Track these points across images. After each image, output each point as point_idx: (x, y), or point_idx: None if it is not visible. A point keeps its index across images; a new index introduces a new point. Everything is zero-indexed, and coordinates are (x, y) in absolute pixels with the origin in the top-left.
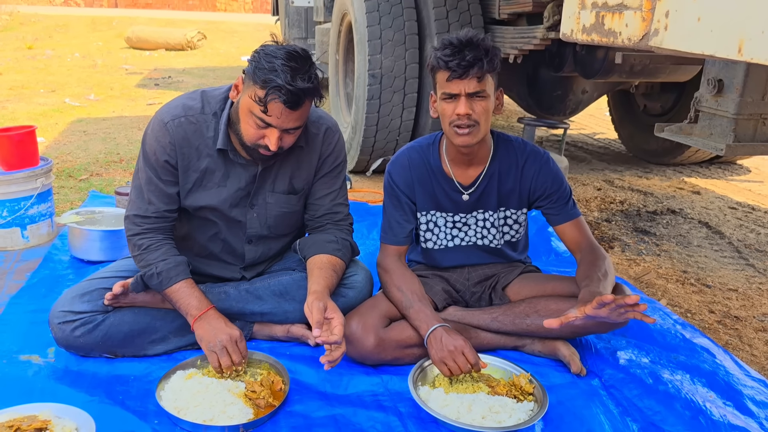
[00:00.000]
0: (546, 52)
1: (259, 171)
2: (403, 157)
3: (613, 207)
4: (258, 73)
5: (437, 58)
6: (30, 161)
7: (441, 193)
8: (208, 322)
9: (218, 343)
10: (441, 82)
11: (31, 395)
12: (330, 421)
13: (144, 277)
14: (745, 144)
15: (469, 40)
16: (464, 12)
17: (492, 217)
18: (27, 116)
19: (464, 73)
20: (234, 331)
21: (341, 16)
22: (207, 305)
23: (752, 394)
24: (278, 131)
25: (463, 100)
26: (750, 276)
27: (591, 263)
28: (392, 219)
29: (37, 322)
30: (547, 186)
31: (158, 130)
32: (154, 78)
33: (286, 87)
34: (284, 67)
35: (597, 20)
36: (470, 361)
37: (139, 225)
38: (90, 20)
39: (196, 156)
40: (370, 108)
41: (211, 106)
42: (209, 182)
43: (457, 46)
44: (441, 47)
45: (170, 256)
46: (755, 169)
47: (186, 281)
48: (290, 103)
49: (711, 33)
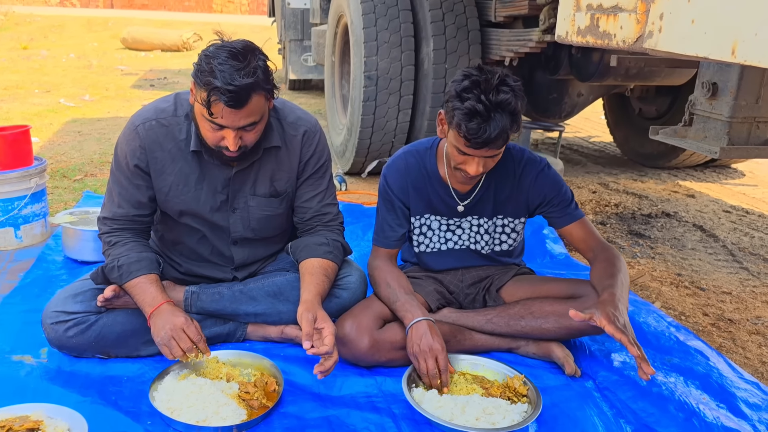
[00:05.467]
0: (542, 55)
1: (233, 172)
2: (400, 161)
3: (608, 210)
4: (200, 76)
5: (458, 124)
6: (24, 161)
7: (436, 198)
8: (158, 317)
9: (164, 335)
10: (456, 136)
11: (24, 395)
12: (324, 423)
13: (105, 269)
14: (739, 147)
15: (499, 104)
16: (460, 14)
17: (486, 223)
18: (21, 116)
19: (484, 146)
20: (178, 318)
21: (337, 18)
22: (160, 300)
23: (745, 397)
24: (233, 131)
25: (476, 161)
26: (744, 279)
27: (607, 261)
28: (384, 222)
29: (30, 323)
30: (546, 192)
31: (129, 134)
32: (149, 79)
33: (224, 87)
34: (222, 66)
35: (592, 22)
36: (440, 367)
37: (108, 225)
38: (85, 21)
39: (169, 159)
40: (366, 110)
41: (184, 108)
42: (186, 185)
43: (485, 116)
44: (466, 113)
45: (134, 252)
46: (749, 173)
47: (146, 276)
48: (233, 102)
49: (705, 35)
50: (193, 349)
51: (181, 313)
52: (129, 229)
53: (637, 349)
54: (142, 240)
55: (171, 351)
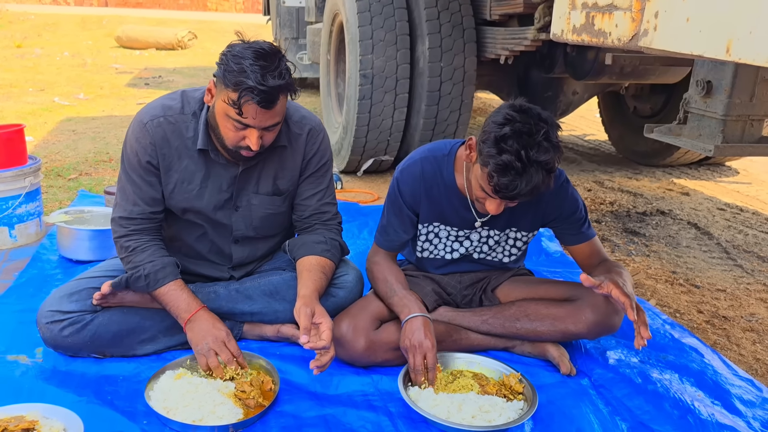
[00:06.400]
0: (537, 54)
1: (239, 171)
2: (416, 167)
3: (603, 208)
4: (228, 76)
5: (490, 174)
6: (18, 160)
7: (449, 209)
8: (197, 324)
9: (204, 345)
10: (484, 177)
11: (19, 395)
12: (320, 421)
13: (130, 279)
14: (733, 145)
15: (536, 162)
16: (455, 13)
17: (497, 235)
18: (15, 115)
19: (512, 199)
20: (220, 332)
21: (332, 16)
22: (196, 307)
23: (740, 394)
24: (257, 131)
25: (498, 204)
26: (738, 276)
27: (611, 264)
28: (390, 225)
29: (25, 322)
30: (564, 209)
31: (138, 131)
32: (144, 77)
33: (258, 87)
34: (253, 66)
35: (587, 21)
36: (428, 365)
37: (125, 227)
38: (80, 19)
39: (176, 156)
40: (362, 108)
41: (191, 106)
42: (191, 183)
43: (519, 171)
44: (500, 166)
45: (158, 257)
46: (743, 171)
47: (174, 283)
48: (264, 103)
49: (700, 33)
50: (233, 363)
51: (222, 325)
52: (146, 230)
53: (635, 314)
54: (159, 242)
55: (209, 362)
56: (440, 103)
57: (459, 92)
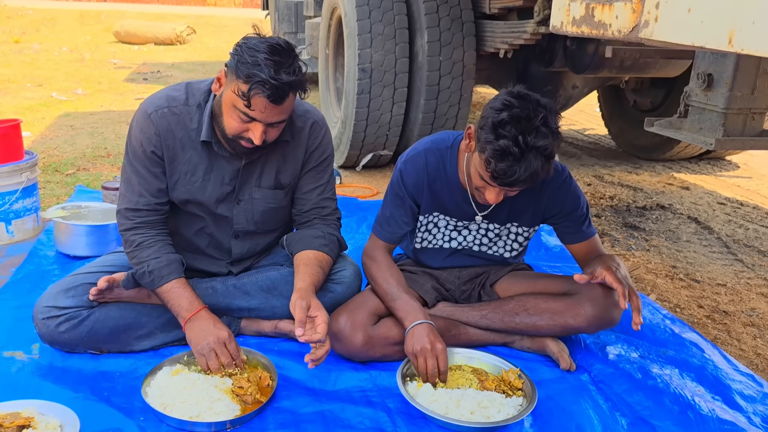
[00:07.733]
0: (536, 47)
1: (242, 165)
2: (419, 159)
3: (602, 202)
4: (241, 68)
5: (487, 160)
6: (15, 155)
7: (451, 202)
8: (197, 323)
9: (205, 345)
10: (482, 165)
11: (15, 392)
12: (318, 417)
13: (136, 275)
14: (734, 138)
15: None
16: (454, 6)
17: (497, 229)
18: (13, 110)
19: (510, 186)
20: (222, 332)
21: (331, 10)
22: (197, 306)
23: (740, 389)
24: (262, 125)
25: (497, 192)
26: (738, 271)
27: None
28: (391, 216)
29: (22, 318)
30: (565, 205)
31: (143, 121)
32: (142, 72)
33: (270, 81)
34: (267, 61)
35: (587, 12)
36: (440, 368)
37: (131, 219)
38: (78, 14)
39: (180, 147)
40: (360, 103)
41: (195, 98)
42: (194, 175)
43: (517, 157)
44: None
45: (163, 254)
46: (744, 165)
47: (178, 281)
48: (274, 98)
49: (701, 24)
50: (231, 365)
51: (223, 326)
52: (152, 223)
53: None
54: (165, 237)
55: (208, 362)
56: (439, 98)
57: (458, 86)
